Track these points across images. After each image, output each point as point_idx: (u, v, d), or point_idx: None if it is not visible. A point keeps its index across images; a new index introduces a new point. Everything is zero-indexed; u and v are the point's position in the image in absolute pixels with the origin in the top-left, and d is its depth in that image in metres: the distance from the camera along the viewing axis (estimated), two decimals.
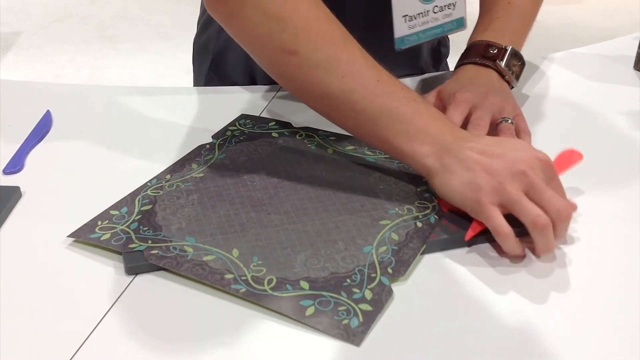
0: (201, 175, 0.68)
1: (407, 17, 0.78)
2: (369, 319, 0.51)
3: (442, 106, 0.75)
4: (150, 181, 0.67)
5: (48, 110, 0.82)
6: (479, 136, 0.64)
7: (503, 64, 0.77)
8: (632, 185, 0.68)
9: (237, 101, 0.86)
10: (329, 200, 0.64)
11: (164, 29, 3.36)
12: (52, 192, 0.68)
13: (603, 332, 0.51)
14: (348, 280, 0.54)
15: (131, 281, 0.56)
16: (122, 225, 0.60)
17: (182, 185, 0.66)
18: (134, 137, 0.78)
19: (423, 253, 0.58)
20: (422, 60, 0.99)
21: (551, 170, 0.60)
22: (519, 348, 0.50)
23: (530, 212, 0.56)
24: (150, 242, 0.58)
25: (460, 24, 0.83)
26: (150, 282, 0.56)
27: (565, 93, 0.88)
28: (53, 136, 0.78)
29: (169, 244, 0.58)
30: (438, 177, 0.61)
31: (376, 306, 0.52)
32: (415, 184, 0.66)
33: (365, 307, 0.52)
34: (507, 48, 0.78)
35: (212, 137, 0.76)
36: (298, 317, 0.51)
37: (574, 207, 0.60)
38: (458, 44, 1.06)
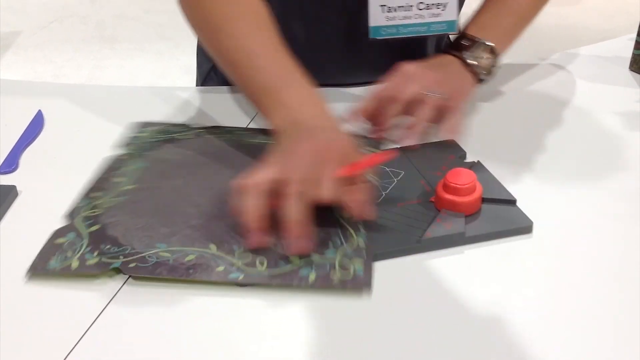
0: (133, 186, 0.67)
1: (385, 7, 0.79)
2: (368, 267, 0.55)
3: None
4: (79, 202, 0.65)
5: (39, 110, 0.82)
6: (327, 116, 0.66)
7: (470, 55, 0.78)
8: (628, 185, 0.69)
9: (234, 101, 0.86)
10: None
11: (163, 29, 3.36)
12: (48, 191, 0.68)
13: (602, 332, 0.51)
14: (330, 243, 0.58)
15: (124, 282, 0.56)
16: (82, 249, 0.58)
17: (120, 199, 0.65)
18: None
19: (418, 252, 0.59)
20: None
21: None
22: (514, 347, 0.50)
23: (285, 207, 0.56)
24: (122, 257, 0.57)
25: (451, 27, 0.80)
26: (143, 283, 0.56)
27: (561, 94, 0.88)
28: (46, 136, 0.79)
29: (141, 254, 0.57)
30: (273, 151, 0.63)
31: (367, 256, 0.56)
32: None
33: (358, 260, 0.56)
34: (480, 41, 0.79)
35: (120, 147, 0.74)
36: (305, 286, 0.54)
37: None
38: None
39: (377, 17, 0.79)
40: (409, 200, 0.64)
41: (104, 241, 0.59)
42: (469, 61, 0.79)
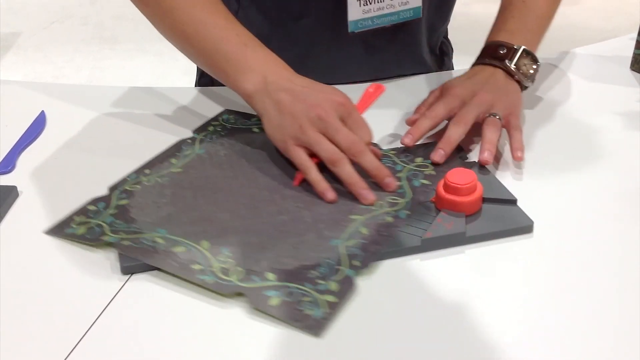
0: (179, 170, 0.68)
1: (361, 1, 0.82)
2: (333, 310, 0.51)
3: None
4: (129, 175, 0.68)
5: (42, 111, 0.82)
6: (299, 77, 0.70)
7: (512, 63, 0.78)
8: (629, 185, 0.69)
9: (234, 102, 0.86)
10: (301, 194, 0.65)
11: None
12: (48, 192, 0.68)
13: (600, 333, 0.51)
14: (314, 272, 0.55)
15: (126, 281, 0.56)
16: (97, 220, 0.61)
17: (160, 180, 0.67)
18: (130, 137, 0.78)
19: (418, 252, 0.59)
20: (423, 55, 0.99)
21: (346, 109, 0.66)
22: (515, 347, 0.50)
23: (325, 150, 0.64)
24: (122, 233, 0.59)
25: (417, 13, 0.86)
26: (145, 282, 0.56)
27: (562, 93, 0.88)
28: (47, 136, 0.78)
29: (139, 235, 0.58)
30: (262, 119, 0.69)
31: (341, 298, 0.53)
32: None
33: (330, 298, 0.52)
34: (518, 48, 0.78)
35: (194, 131, 0.76)
36: (261, 307, 0.52)
37: (366, 140, 0.66)
38: (459, 44, 1.06)
39: (354, 12, 0.83)
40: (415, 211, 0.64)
41: (121, 216, 0.61)
42: (513, 69, 0.78)
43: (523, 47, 0.78)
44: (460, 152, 0.73)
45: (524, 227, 0.61)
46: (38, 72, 2.98)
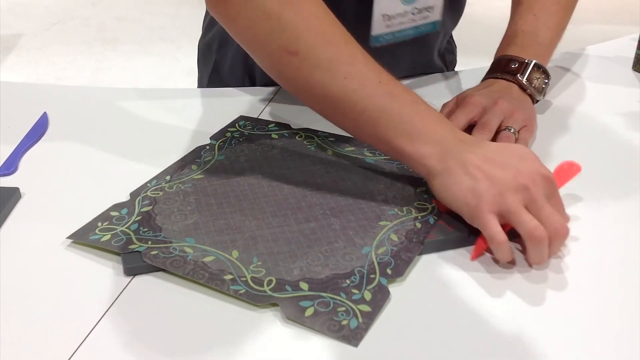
0: (200, 176, 0.68)
1: (386, 16, 0.80)
2: (368, 320, 0.51)
3: None
4: (149, 182, 0.68)
5: (45, 112, 0.82)
6: (482, 141, 0.63)
7: (524, 78, 0.77)
8: (630, 186, 0.69)
9: (236, 103, 0.86)
10: (327, 201, 0.64)
11: (164, 31, 3.36)
12: (51, 194, 0.68)
13: (601, 335, 0.51)
14: (347, 281, 0.54)
15: (129, 282, 0.56)
16: (122, 227, 0.60)
17: (182, 187, 0.66)
18: (132, 139, 0.78)
19: (420, 254, 0.59)
20: (434, 58, 0.99)
21: (552, 186, 0.59)
22: (516, 351, 0.50)
23: (528, 223, 0.56)
24: (150, 242, 0.58)
25: (435, 27, 0.86)
26: (148, 283, 0.56)
27: (564, 94, 0.88)
28: (49, 138, 0.79)
29: (168, 244, 0.58)
30: (438, 179, 0.61)
31: (375, 307, 0.52)
32: (414, 185, 0.66)
33: (364, 307, 0.52)
34: (529, 62, 0.78)
35: (211, 138, 0.76)
36: (297, 318, 0.51)
37: (568, 227, 0.59)
38: (459, 44, 1.06)
39: (379, 26, 0.81)
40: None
41: (146, 223, 0.61)
42: (525, 83, 0.77)
43: (534, 61, 0.78)
44: None
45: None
46: (40, 73, 2.98)
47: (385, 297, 0.53)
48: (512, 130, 0.72)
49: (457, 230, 0.60)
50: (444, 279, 0.56)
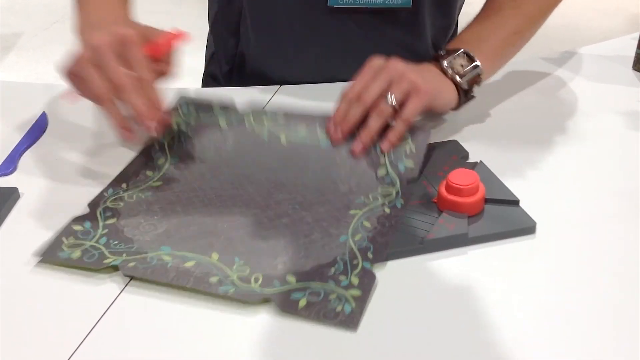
0: (159, 183, 0.67)
1: None
2: (361, 303, 0.52)
3: None
4: (106, 190, 0.66)
5: (44, 112, 0.82)
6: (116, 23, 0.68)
7: (445, 61, 0.76)
8: (632, 185, 0.68)
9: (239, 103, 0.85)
10: (294, 196, 0.64)
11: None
12: (49, 194, 0.68)
13: (603, 334, 0.51)
14: (332, 269, 0.55)
15: (125, 286, 0.56)
16: (90, 241, 0.59)
17: (142, 196, 0.65)
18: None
19: (420, 253, 0.58)
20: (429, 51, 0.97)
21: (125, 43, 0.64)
22: (518, 348, 0.50)
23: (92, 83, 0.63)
24: (125, 255, 0.57)
25: (406, 2, 0.84)
26: (143, 289, 0.56)
27: (564, 93, 0.88)
28: (48, 138, 0.78)
29: (144, 255, 0.57)
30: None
31: (364, 291, 0.53)
32: (373, 167, 0.67)
33: (355, 292, 0.53)
34: (458, 50, 0.77)
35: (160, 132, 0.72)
36: (292, 311, 0.52)
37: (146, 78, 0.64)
38: None
39: None
40: (411, 201, 0.64)
41: (115, 236, 0.59)
42: (445, 65, 0.75)
43: (463, 49, 0.76)
44: (462, 152, 0.73)
45: (527, 227, 0.61)
46: (40, 72, 2.98)
47: (372, 281, 0.54)
48: (392, 102, 0.68)
49: (457, 229, 0.60)
50: (443, 276, 0.56)
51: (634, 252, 0.59)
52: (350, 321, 0.51)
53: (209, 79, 1.00)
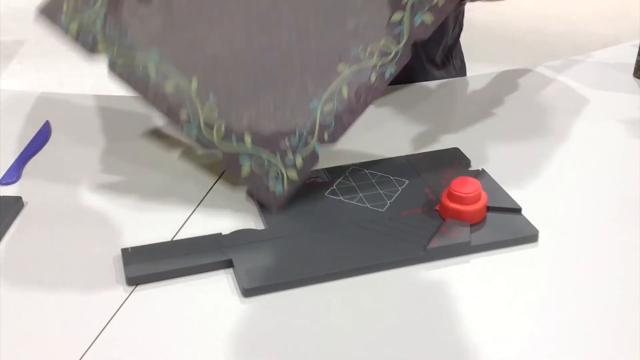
0: None
1: None
2: (291, 188, 0.57)
3: None
4: None
5: (47, 121, 0.82)
6: None
7: None
8: (632, 192, 0.69)
9: None
10: (298, 17, 0.60)
11: None
12: (53, 203, 0.68)
13: (605, 341, 0.51)
14: (286, 141, 0.58)
15: (131, 292, 0.56)
16: (88, 14, 0.58)
17: None
18: (136, 146, 0.78)
19: (423, 261, 0.59)
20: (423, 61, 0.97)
21: None
22: (521, 356, 0.50)
23: None
24: (116, 47, 0.59)
25: None
26: (150, 294, 0.56)
27: (565, 100, 0.88)
28: (52, 146, 0.79)
29: (133, 52, 0.59)
30: None
31: (301, 176, 0.57)
32: (392, 6, 0.61)
33: (293, 174, 0.57)
34: None
35: None
36: (234, 174, 0.57)
37: None
38: (468, 47, 1.06)
39: None
40: (413, 209, 0.64)
41: (113, 18, 0.59)
42: None
43: None
44: (464, 160, 0.73)
45: (529, 236, 0.61)
46: (42, 80, 2.99)
47: (314, 163, 0.58)
48: None
49: (459, 237, 0.60)
50: (446, 286, 0.56)
51: (636, 260, 0.59)
52: (274, 203, 0.56)
53: None
